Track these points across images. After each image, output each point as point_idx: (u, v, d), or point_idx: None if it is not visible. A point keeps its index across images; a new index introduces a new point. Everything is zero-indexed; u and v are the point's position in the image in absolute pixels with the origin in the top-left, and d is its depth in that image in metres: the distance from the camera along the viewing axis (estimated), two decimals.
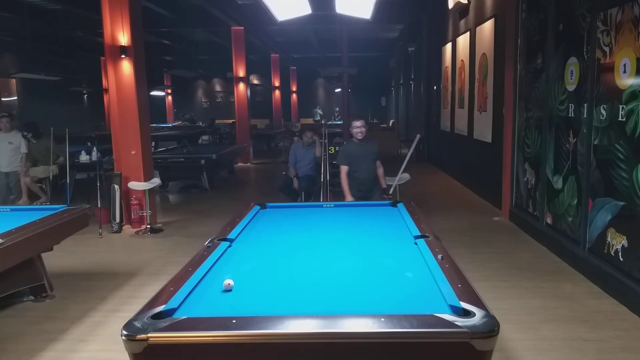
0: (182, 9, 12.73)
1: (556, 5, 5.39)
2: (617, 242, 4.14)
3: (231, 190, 10.11)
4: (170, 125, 21.79)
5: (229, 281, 2.41)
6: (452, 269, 2.55)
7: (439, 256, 2.75)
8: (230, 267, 2.77)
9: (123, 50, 6.60)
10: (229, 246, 3.13)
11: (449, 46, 10.78)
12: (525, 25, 6.31)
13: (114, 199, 6.77)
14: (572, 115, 4.99)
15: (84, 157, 8.49)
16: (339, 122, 15.62)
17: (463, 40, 9.55)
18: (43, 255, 4.38)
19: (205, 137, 14.58)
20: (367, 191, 5.36)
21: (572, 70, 5.00)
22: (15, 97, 14.59)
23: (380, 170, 5.57)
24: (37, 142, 8.03)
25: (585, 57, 4.70)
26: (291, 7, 6.88)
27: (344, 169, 5.34)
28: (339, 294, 2.40)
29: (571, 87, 5.02)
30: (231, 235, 3.32)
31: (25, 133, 8.00)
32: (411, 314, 1.98)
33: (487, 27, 7.94)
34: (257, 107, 21.46)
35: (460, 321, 1.92)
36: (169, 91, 24.88)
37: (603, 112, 4.34)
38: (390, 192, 5.96)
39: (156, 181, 7.15)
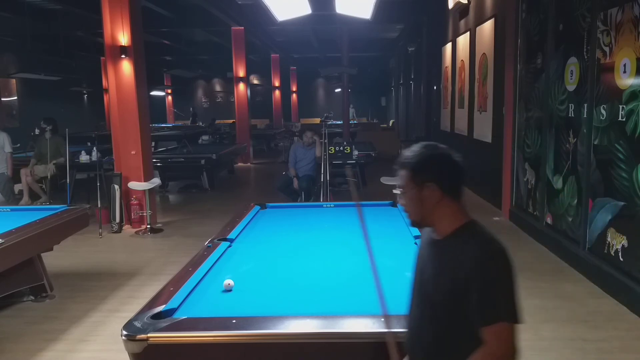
0: (182, 9, 12.72)
1: (556, 5, 5.39)
2: (617, 242, 4.14)
3: (231, 190, 10.10)
4: (170, 125, 21.80)
5: (229, 281, 2.42)
6: None
7: None
8: (230, 267, 2.77)
9: (123, 50, 6.59)
10: (229, 246, 3.13)
11: (449, 46, 10.78)
12: (525, 25, 6.31)
13: (114, 199, 6.77)
14: (572, 115, 4.99)
15: (84, 157, 8.49)
16: (339, 122, 15.62)
17: (463, 40, 9.55)
18: (43, 255, 4.37)
19: (205, 137, 14.58)
20: None
21: (572, 70, 5.00)
22: (15, 97, 14.58)
23: None
24: (50, 139, 8.06)
25: (585, 57, 4.70)
26: (291, 7, 6.88)
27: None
28: (339, 294, 2.40)
29: (571, 87, 5.02)
30: (231, 235, 3.33)
31: (45, 126, 8.07)
32: None
33: (487, 27, 7.94)
34: (257, 107, 21.45)
35: None
36: (169, 91, 24.87)
37: (603, 112, 4.34)
38: None
39: (156, 181, 7.14)
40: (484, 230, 1.58)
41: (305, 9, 6.91)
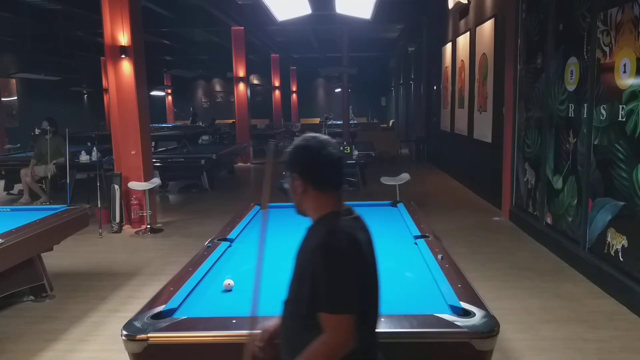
0: (182, 9, 12.72)
1: (556, 5, 5.39)
2: (617, 242, 4.14)
3: (231, 190, 10.10)
4: (170, 125, 21.80)
5: (229, 281, 2.42)
6: (452, 269, 2.55)
7: (439, 256, 2.75)
8: (230, 267, 2.77)
9: (123, 50, 6.59)
10: (229, 246, 3.13)
11: (449, 46, 10.78)
12: (525, 25, 6.31)
13: (114, 199, 6.77)
14: (572, 115, 4.99)
15: (84, 157, 8.49)
16: (339, 122, 15.61)
17: (463, 40, 9.55)
18: (43, 255, 4.37)
19: (205, 137, 14.57)
20: None
21: (572, 70, 5.00)
22: (15, 97, 14.59)
23: None
24: (50, 139, 8.06)
25: (585, 57, 4.70)
26: (291, 7, 6.87)
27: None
28: None
29: (571, 87, 5.02)
30: (231, 235, 3.33)
31: (46, 128, 8.08)
32: (411, 314, 1.98)
33: (487, 27, 7.94)
34: (257, 107, 21.45)
35: (460, 321, 1.92)
36: (169, 91, 24.87)
37: (603, 112, 4.33)
38: None
39: (156, 181, 7.14)
40: (336, 223, 1.61)
41: (305, 9, 6.90)
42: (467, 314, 1.99)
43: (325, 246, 1.54)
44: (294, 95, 24.93)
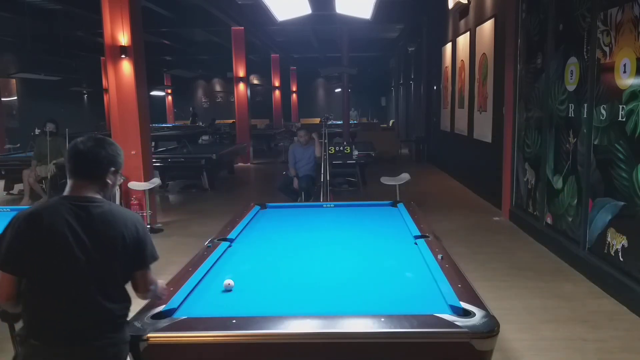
0: (182, 9, 12.73)
1: (556, 5, 5.39)
2: (617, 242, 4.14)
3: (231, 190, 10.10)
4: (170, 125, 21.81)
5: (229, 281, 2.42)
6: (452, 269, 2.55)
7: (439, 256, 2.75)
8: (230, 267, 2.77)
9: (123, 50, 6.59)
10: (229, 246, 3.13)
11: (449, 46, 10.78)
12: (525, 25, 6.31)
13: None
14: (572, 115, 4.99)
15: None
16: (339, 122, 15.63)
17: (463, 40, 9.55)
18: None
19: (205, 137, 14.58)
20: None
21: (572, 70, 5.00)
22: (15, 97, 14.60)
23: None
24: (52, 140, 8.06)
25: (585, 57, 4.70)
26: (291, 7, 6.87)
27: None
28: (339, 294, 2.40)
29: (571, 87, 5.02)
30: (231, 235, 3.33)
31: (47, 129, 8.08)
32: (411, 314, 1.98)
33: (487, 27, 7.94)
34: (257, 107, 21.46)
35: (460, 321, 1.92)
36: (169, 91, 24.88)
37: (603, 112, 4.34)
38: None
39: (156, 181, 7.14)
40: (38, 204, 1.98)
41: (305, 9, 6.90)
42: (467, 314, 1.99)
43: None
44: (294, 95, 24.93)
